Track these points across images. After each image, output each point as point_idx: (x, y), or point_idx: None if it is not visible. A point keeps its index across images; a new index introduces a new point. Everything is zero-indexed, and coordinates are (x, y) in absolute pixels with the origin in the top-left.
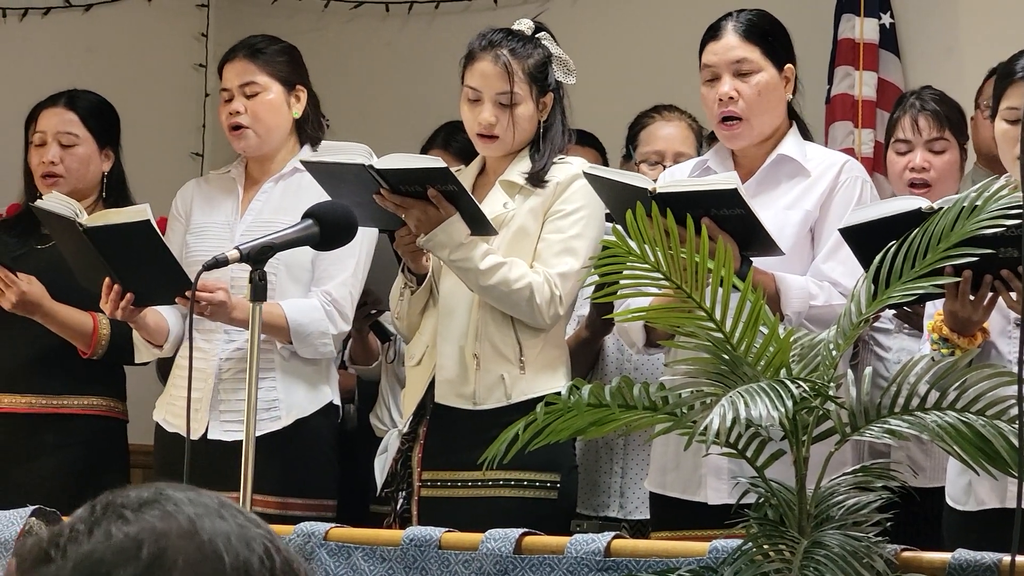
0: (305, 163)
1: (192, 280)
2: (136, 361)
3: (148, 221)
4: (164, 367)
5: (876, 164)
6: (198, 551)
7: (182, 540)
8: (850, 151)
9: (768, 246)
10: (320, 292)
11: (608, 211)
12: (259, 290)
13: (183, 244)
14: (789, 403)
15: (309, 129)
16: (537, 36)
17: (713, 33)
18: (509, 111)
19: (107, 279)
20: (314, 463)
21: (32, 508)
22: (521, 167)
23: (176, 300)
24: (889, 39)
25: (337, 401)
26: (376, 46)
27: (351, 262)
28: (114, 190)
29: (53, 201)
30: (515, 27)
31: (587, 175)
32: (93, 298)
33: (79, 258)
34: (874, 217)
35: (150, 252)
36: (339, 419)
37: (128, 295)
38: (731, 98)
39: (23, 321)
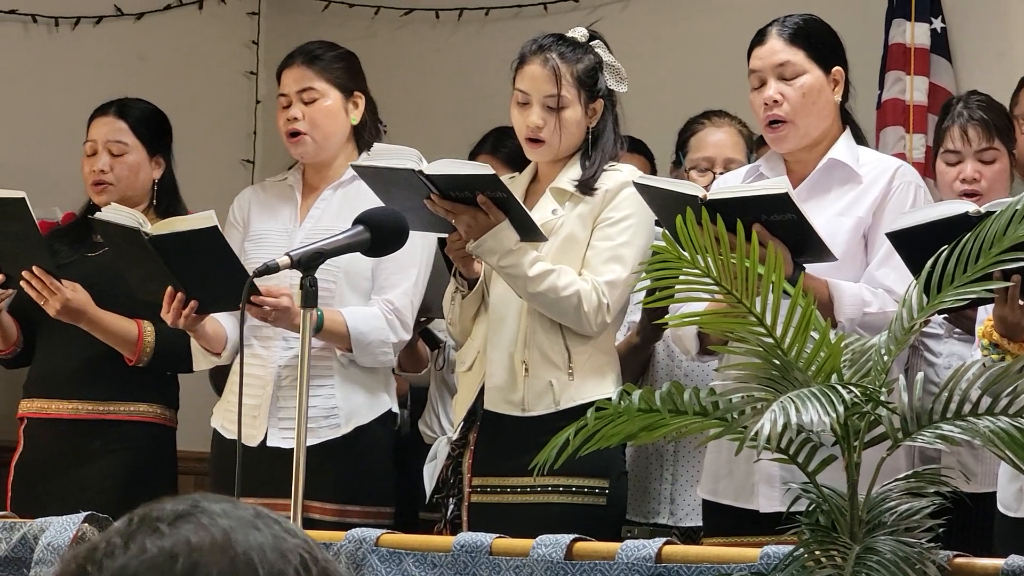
0: (356, 167)
1: (256, 286)
2: (194, 369)
3: (215, 227)
4: (218, 375)
5: (927, 169)
6: (231, 564)
7: (215, 553)
8: (901, 156)
9: (821, 251)
10: (382, 301)
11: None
12: (310, 296)
13: (241, 251)
14: (840, 408)
15: (367, 135)
16: (591, 43)
17: (759, 38)
18: (556, 115)
19: (169, 288)
20: (373, 471)
21: (85, 514)
22: (571, 174)
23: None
24: (940, 44)
25: (395, 409)
26: (426, 52)
27: (413, 271)
28: (165, 197)
29: (114, 212)
30: (569, 34)
31: (637, 185)
32: (139, 306)
33: (139, 269)
34: (921, 221)
35: (215, 258)
36: (396, 426)
37: (192, 303)
38: (775, 101)
39: (71, 328)
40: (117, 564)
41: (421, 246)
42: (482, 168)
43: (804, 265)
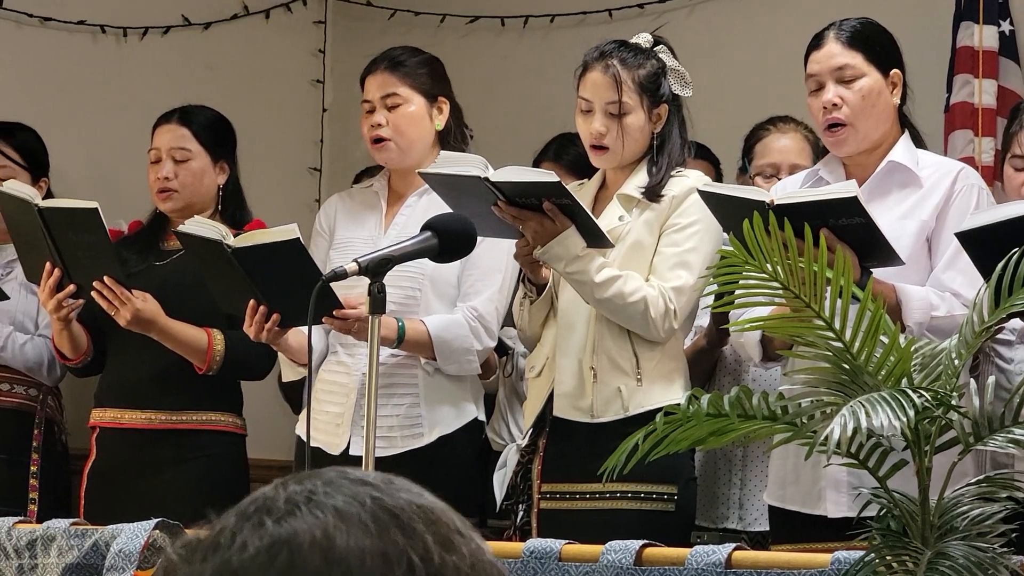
0: (423, 174)
1: (336, 296)
2: (284, 379)
3: (297, 239)
4: (287, 384)
5: (996, 173)
6: (327, 566)
7: (314, 553)
8: (970, 160)
9: (887, 255)
10: (466, 307)
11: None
12: (378, 303)
13: (327, 259)
14: (911, 413)
15: (452, 140)
16: (654, 48)
17: (816, 42)
18: (619, 121)
19: (251, 302)
20: (456, 481)
21: (155, 521)
22: (638, 180)
23: (322, 319)
24: (1009, 46)
25: (482, 417)
26: (492, 60)
27: (498, 277)
28: (230, 203)
29: (197, 224)
30: (633, 40)
31: (701, 192)
32: (208, 315)
33: (222, 281)
34: (991, 221)
35: (297, 271)
36: (482, 435)
37: (274, 316)
38: (835, 105)
39: (142, 338)
40: (219, 559)
41: (507, 253)
42: (547, 175)
43: (871, 270)
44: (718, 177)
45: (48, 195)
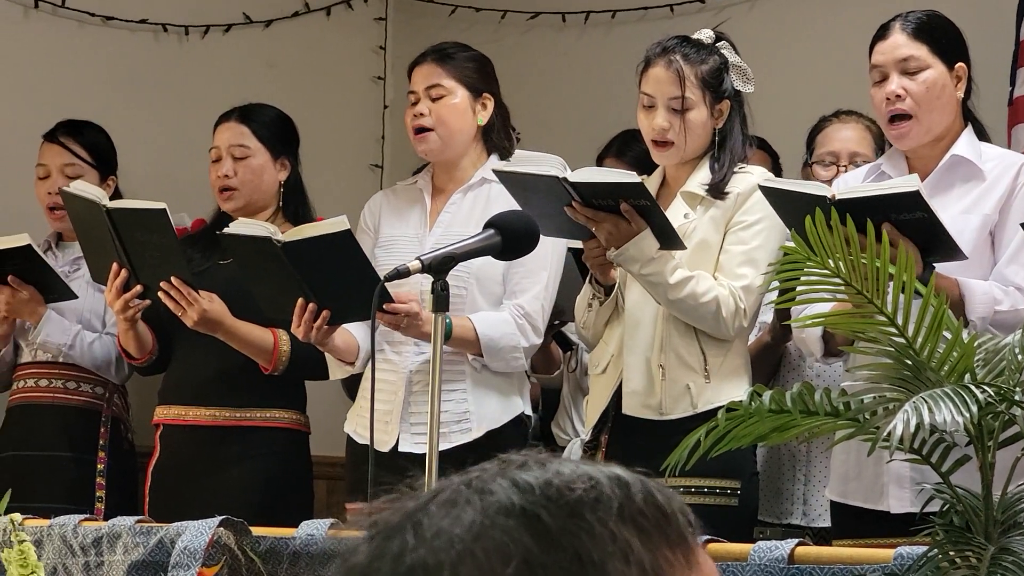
0: (497, 172)
1: (389, 292)
2: (331, 378)
3: (348, 231)
4: (350, 380)
5: None
6: None
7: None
8: None
9: (950, 250)
10: (512, 305)
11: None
12: (441, 301)
13: (371, 257)
14: (974, 408)
15: (495, 138)
16: (716, 44)
17: (881, 33)
18: (681, 117)
19: (299, 302)
20: None
21: (220, 518)
22: (701, 177)
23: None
24: None
25: (528, 411)
26: (553, 56)
27: (543, 275)
28: (292, 200)
29: (243, 225)
30: (695, 36)
31: (762, 188)
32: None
33: (269, 283)
34: None
35: (348, 265)
36: (530, 429)
37: (324, 314)
38: (898, 96)
39: (208, 338)
40: (365, 564)
41: (551, 250)
42: (629, 176)
43: (933, 265)
44: (776, 169)
45: (116, 194)
